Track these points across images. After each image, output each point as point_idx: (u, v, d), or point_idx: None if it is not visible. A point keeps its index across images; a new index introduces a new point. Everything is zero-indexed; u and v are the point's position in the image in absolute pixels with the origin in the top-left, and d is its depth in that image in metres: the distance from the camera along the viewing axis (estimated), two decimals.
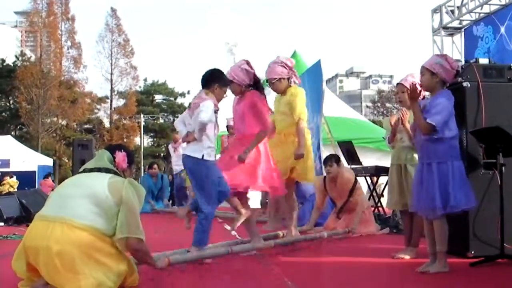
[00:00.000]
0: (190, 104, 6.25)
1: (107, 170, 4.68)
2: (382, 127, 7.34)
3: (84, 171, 4.76)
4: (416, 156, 6.07)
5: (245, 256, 6.25)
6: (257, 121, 6.50)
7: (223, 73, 6.40)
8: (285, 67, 7.18)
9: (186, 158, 6.02)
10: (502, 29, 14.70)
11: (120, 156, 4.83)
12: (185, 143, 6.17)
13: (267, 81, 7.31)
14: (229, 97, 7.34)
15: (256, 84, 6.61)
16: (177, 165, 15.04)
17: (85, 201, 4.38)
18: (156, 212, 14.50)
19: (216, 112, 5.95)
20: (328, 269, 5.83)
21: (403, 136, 6.24)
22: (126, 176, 4.80)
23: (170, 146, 15.97)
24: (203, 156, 5.88)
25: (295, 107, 7.15)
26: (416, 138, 5.56)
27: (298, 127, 7.15)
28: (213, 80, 6.14)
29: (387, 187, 6.85)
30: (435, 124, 5.15)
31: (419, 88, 5.50)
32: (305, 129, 7.33)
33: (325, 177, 9.14)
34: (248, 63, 6.61)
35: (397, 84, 6.47)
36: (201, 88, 6.19)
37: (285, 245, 6.90)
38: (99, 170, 4.69)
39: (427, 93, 5.72)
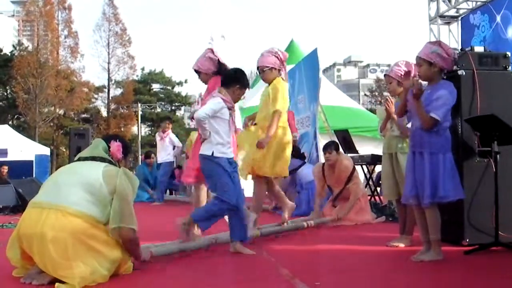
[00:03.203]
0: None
1: (102, 159, 4.68)
2: None
3: (79, 159, 4.77)
4: (405, 144, 6.10)
5: None
6: None
7: (245, 74, 6.37)
8: (278, 58, 7.03)
9: (199, 157, 6.02)
10: (498, 18, 14.68)
11: (115, 146, 4.83)
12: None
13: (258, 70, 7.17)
14: None
15: (223, 71, 6.53)
16: (161, 156, 14.97)
17: (79, 189, 4.38)
18: (152, 201, 14.52)
19: (230, 109, 5.92)
20: (323, 257, 5.84)
21: (393, 125, 6.24)
22: (121, 167, 4.80)
23: (157, 135, 15.56)
24: (213, 153, 5.83)
25: (275, 99, 6.83)
26: (410, 125, 5.55)
27: (272, 116, 6.75)
28: (234, 80, 6.10)
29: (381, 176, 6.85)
30: (439, 118, 5.14)
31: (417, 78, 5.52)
32: (284, 125, 6.99)
33: (323, 164, 9.15)
34: (212, 51, 6.59)
35: (385, 75, 6.48)
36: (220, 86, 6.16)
37: (271, 234, 6.88)
38: (93, 159, 4.69)
39: (424, 83, 5.70)
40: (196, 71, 6.70)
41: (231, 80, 6.08)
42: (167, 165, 15.02)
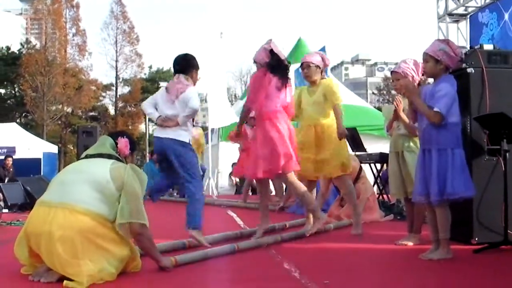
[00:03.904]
0: (167, 88, 6.32)
1: (109, 156, 4.68)
2: None
3: (86, 157, 4.76)
4: (412, 143, 6.10)
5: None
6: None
7: (195, 57, 6.58)
8: (323, 60, 7.18)
9: (170, 141, 6.14)
10: (506, 16, 14.61)
11: (123, 142, 4.84)
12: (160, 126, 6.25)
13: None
14: None
15: (273, 61, 6.47)
16: None
17: (86, 187, 4.38)
18: (160, 200, 14.47)
19: None
20: (332, 256, 5.83)
21: (400, 124, 6.23)
22: (128, 163, 4.80)
23: None
24: (189, 140, 6.20)
25: (334, 93, 6.99)
26: (418, 124, 5.54)
27: (336, 109, 6.96)
28: (192, 65, 6.38)
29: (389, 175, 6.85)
30: (441, 110, 5.12)
31: (415, 76, 5.54)
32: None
33: None
34: (269, 42, 6.56)
35: (391, 72, 6.46)
36: (178, 73, 6.37)
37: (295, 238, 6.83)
38: (101, 156, 4.69)
39: (430, 80, 5.70)
40: (254, 61, 6.65)
41: (189, 66, 6.36)
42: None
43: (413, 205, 6.12)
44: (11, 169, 17.50)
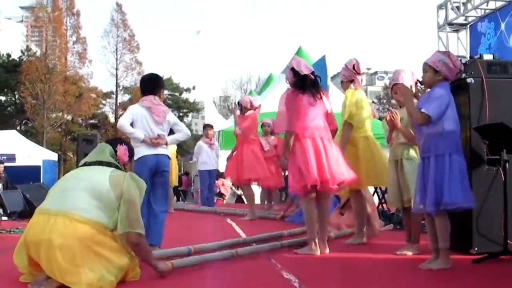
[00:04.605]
0: (150, 108, 6.28)
1: (108, 164, 4.70)
2: None
3: (85, 164, 4.78)
4: (411, 151, 6.12)
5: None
6: None
7: (161, 77, 6.88)
8: (346, 70, 7.15)
9: (165, 157, 6.32)
10: (503, 26, 14.67)
11: (122, 149, 4.87)
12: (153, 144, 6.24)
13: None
14: None
15: (297, 79, 6.38)
16: (210, 163, 13.80)
17: (86, 195, 4.39)
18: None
19: None
20: (330, 264, 5.82)
21: (399, 133, 6.25)
22: (127, 170, 4.84)
23: (201, 143, 13.98)
24: None
25: (344, 107, 6.96)
26: (416, 134, 5.56)
27: (342, 128, 6.93)
28: (159, 86, 6.57)
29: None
30: (428, 112, 5.14)
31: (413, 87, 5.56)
32: (365, 134, 7.21)
33: None
34: (293, 58, 6.56)
35: (392, 85, 6.47)
36: (147, 94, 6.39)
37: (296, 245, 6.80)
38: (100, 163, 4.70)
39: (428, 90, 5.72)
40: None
41: (156, 87, 6.49)
42: (215, 171, 14.52)
43: (410, 214, 6.12)
44: (3, 175, 17.44)
